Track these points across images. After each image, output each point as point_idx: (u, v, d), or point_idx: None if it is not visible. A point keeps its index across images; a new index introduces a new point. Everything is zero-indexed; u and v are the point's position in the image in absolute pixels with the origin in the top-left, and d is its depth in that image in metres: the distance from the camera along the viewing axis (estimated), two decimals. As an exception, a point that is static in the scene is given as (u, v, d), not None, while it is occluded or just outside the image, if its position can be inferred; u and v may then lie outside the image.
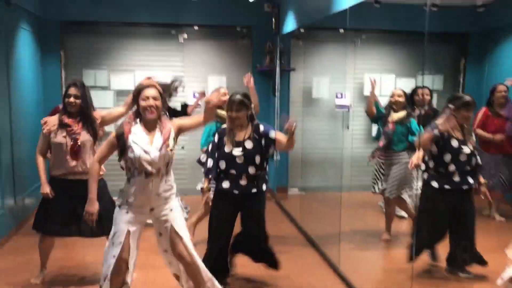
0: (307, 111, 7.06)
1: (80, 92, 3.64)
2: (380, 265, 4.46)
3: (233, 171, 3.52)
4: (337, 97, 6.94)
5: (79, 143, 3.61)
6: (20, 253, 4.46)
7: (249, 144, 3.52)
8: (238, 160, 3.50)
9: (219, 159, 3.56)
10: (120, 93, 6.76)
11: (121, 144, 2.92)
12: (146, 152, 2.89)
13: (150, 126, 2.97)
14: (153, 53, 6.89)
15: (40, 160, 3.69)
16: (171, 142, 2.97)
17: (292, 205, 6.25)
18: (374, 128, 5.38)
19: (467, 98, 3.72)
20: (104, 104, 6.59)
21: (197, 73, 7.01)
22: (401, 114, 4.69)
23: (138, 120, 2.97)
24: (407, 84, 6.78)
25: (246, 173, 3.51)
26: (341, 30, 6.04)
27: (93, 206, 3.04)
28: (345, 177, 5.18)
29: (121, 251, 2.91)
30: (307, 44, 6.75)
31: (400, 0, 5.88)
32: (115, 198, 3.22)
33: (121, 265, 2.92)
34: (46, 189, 3.63)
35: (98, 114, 3.77)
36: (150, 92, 2.91)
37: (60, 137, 3.61)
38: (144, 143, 2.91)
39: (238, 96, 3.52)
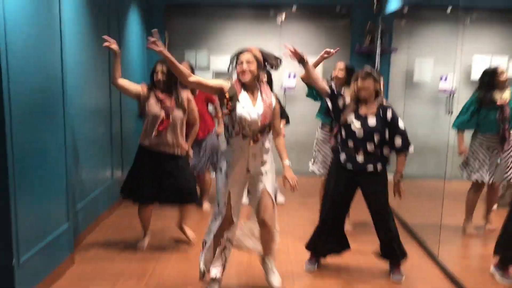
0: (408, 95, 6.75)
1: (166, 68, 3.81)
2: (483, 258, 4.15)
3: (351, 144, 3.45)
4: (441, 80, 6.55)
5: (170, 118, 3.80)
6: (127, 219, 4.79)
7: (371, 121, 3.40)
8: (358, 134, 3.41)
9: (341, 127, 3.51)
10: (218, 74, 6.94)
11: (230, 101, 3.02)
12: (248, 113, 3.00)
13: (251, 91, 3.06)
14: (251, 35, 6.96)
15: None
16: (270, 109, 3.07)
17: (389, 192, 6.02)
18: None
19: None
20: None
21: (294, 54, 6.96)
22: (509, 92, 4.38)
23: (238, 80, 3.08)
24: (522, 67, 6.22)
25: (364, 148, 3.42)
26: (449, 9, 5.67)
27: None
28: (448, 165, 4.90)
29: (226, 211, 3.10)
30: (411, 24, 6.41)
31: (519, -25, 5.38)
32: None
33: (225, 223, 3.13)
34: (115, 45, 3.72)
35: (186, 94, 3.97)
36: (245, 56, 3.02)
37: (157, 109, 3.81)
38: (247, 105, 3.02)
39: (367, 68, 3.48)
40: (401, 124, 3.42)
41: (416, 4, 5.56)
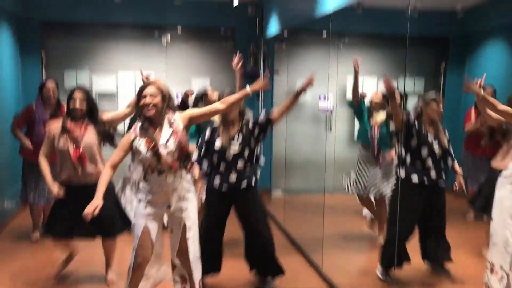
0: (291, 114, 7.06)
1: (85, 96, 3.63)
2: (363, 267, 4.48)
3: (222, 167, 3.53)
4: (320, 99, 6.99)
5: (81, 149, 3.57)
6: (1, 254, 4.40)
7: (238, 138, 3.54)
8: (227, 156, 3.51)
9: (211, 155, 3.57)
10: (102, 95, 6.70)
11: (131, 147, 2.97)
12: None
13: (155, 124, 2.96)
14: (136, 55, 6.83)
15: (44, 163, 3.62)
16: (181, 135, 2.96)
17: (275, 207, 6.26)
18: (356, 126, 5.43)
19: (433, 93, 3.90)
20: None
21: (181, 75, 6.98)
22: (382, 115, 4.77)
23: (143, 119, 2.97)
24: (389, 87, 6.87)
25: (235, 168, 3.52)
26: (324, 34, 6.10)
27: (94, 203, 2.88)
28: (327, 179, 5.21)
29: (138, 245, 2.96)
30: (290, 47, 6.78)
31: (382, 5, 5.96)
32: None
33: (138, 260, 2.97)
34: (55, 189, 3.57)
35: (105, 116, 3.75)
36: (148, 90, 2.92)
37: (63, 143, 3.58)
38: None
39: (230, 90, 3.58)
40: (262, 117, 3.62)
41: (294, 29, 5.90)
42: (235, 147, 3.52)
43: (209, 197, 3.69)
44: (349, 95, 7.05)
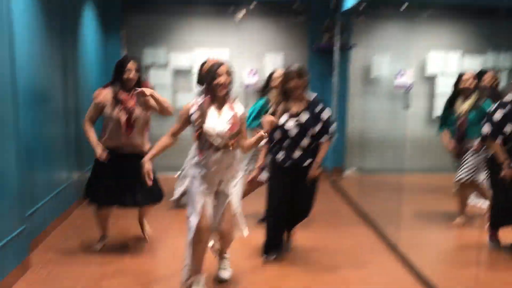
0: (367, 90, 6.88)
1: (137, 66, 3.71)
2: (443, 246, 4.29)
3: (286, 143, 3.51)
4: (397, 75, 6.71)
5: (134, 118, 3.69)
6: (85, 220, 4.67)
7: (304, 116, 3.49)
8: (292, 132, 3.49)
9: (274, 131, 3.54)
10: (178, 72, 6.88)
11: (192, 118, 3.05)
12: (214, 126, 2.99)
13: (219, 102, 3.05)
14: (211, 31, 6.92)
15: (89, 127, 3.74)
16: (237, 120, 3.06)
17: (348, 185, 6.15)
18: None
19: None
20: (163, 81, 6.75)
21: (254, 51, 6.99)
22: (470, 102, 4.43)
23: (208, 96, 3.04)
24: (474, 62, 6.45)
25: (299, 145, 3.50)
26: (404, 6, 5.81)
27: (146, 168, 3.11)
28: (405, 158, 5.03)
29: (200, 220, 3.04)
30: (368, 21, 6.53)
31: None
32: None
33: (201, 233, 3.06)
34: (99, 150, 3.69)
35: (156, 94, 3.74)
36: (224, 69, 3.00)
37: (115, 112, 3.68)
38: (212, 117, 3.01)
39: (296, 66, 3.52)
40: (324, 114, 3.54)
41: (372, 1, 5.67)
42: (298, 124, 3.48)
43: (272, 171, 3.69)
44: (429, 71, 6.75)
